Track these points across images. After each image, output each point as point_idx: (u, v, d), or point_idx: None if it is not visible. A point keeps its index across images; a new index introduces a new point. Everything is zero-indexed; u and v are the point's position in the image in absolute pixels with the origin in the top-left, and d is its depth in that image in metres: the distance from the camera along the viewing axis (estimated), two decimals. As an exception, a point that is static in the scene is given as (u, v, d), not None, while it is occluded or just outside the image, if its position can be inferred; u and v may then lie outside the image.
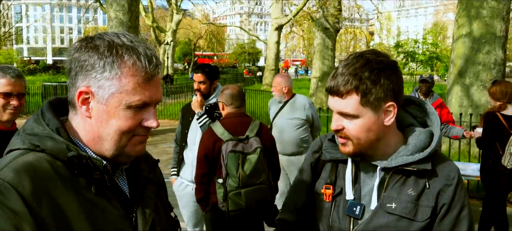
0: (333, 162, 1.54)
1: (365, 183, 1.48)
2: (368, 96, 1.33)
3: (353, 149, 1.40)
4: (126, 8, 8.96)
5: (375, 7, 26.40)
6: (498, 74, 8.29)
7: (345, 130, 1.39)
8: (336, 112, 1.40)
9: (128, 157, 1.12)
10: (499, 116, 4.31)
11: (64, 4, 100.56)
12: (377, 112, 1.36)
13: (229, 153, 3.01)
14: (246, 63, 68.54)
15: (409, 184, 1.41)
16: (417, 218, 1.38)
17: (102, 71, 1.04)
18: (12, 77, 2.31)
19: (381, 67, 1.34)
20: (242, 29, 55.51)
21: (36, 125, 1.07)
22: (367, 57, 1.36)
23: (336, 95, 1.37)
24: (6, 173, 0.96)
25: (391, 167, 1.41)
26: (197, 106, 3.65)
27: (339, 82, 1.35)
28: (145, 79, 1.07)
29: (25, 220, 0.92)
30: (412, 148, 1.42)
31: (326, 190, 1.51)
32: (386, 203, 1.41)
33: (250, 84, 27.51)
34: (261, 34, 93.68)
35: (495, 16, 8.19)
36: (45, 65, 51.80)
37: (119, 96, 1.05)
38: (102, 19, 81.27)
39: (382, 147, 1.43)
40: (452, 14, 55.01)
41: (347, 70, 1.35)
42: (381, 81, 1.34)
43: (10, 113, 2.33)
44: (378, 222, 1.41)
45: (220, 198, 3.09)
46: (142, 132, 1.11)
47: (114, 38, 1.07)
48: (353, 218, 1.45)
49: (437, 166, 1.42)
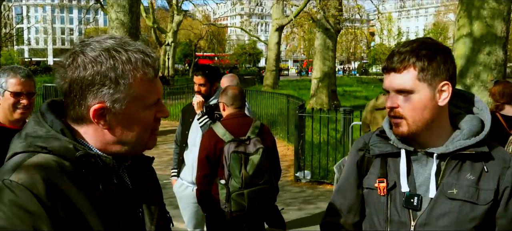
0: (382, 157, 1.53)
1: (419, 173, 1.47)
2: (425, 72, 1.36)
3: (407, 129, 1.41)
4: (127, 9, 8.97)
5: (376, 7, 26.39)
6: (499, 75, 8.29)
7: (400, 108, 1.40)
8: (392, 90, 1.41)
9: (145, 148, 1.17)
10: (498, 116, 4.31)
11: (65, 5, 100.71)
12: (433, 89, 1.38)
13: (231, 153, 3.01)
14: (247, 64, 68.54)
15: (466, 169, 1.42)
16: (479, 201, 1.38)
17: (114, 86, 1.05)
18: (22, 76, 2.35)
19: (437, 48, 1.39)
20: (243, 30, 55.54)
21: (38, 127, 1.07)
22: (423, 39, 1.41)
23: (392, 71, 1.40)
24: (18, 175, 0.97)
25: (448, 152, 1.42)
26: (197, 107, 3.66)
27: (396, 59, 1.39)
28: (153, 77, 1.10)
29: (42, 220, 0.93)
30: (468, 132, 1.43)
31: (380, 184, 1.50)
32: (447, 190, 1.41)
33: (251, 85, 27.49)
34: (262, 35, 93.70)
35: (496, 16, 8.19)
36: (46, 66, 51.80)
37: (135, 102, 1.08)
38: (103, 20, 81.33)
39: (435, 130, 1.44)
40: (452, 15, 54.98)
41: (404, 49, 1.39)
42: (438, 59, 1.37)
43: (21, 113, 2.36)
44: (441, 210, 1.40)
45: (222, 199, 3.09)
46: (156, 125, 1.16)
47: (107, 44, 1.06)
48: (412, 210, 1.44)
49: (491, 150, 1.44)
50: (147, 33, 39.64)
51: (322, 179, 7.51)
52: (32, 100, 2.41)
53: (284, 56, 69.86)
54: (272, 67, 27.84)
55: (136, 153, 1.17)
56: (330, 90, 16.90)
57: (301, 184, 7.42)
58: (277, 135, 11.31)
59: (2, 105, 2.35)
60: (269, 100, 13.63)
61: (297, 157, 7.78)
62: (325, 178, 7.50)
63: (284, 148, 10.04)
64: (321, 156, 8.15)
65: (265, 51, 53.29)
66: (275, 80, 27.82)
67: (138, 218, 1.15)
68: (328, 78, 16.99)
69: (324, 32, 16.98)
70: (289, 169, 8.21)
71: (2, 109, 2.35)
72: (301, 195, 6.84)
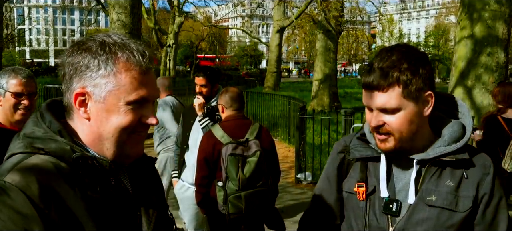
0: (362, 161, 1.51)
1: (399, 179, 1.46)
2: (409, 87, 1.33)
3: (394, 144, 1.39)
4: (128, 10, 8.98)
5: (377, 9, 26.39)
6: (500, 77, 8.29)
7: (387, 125, 1.37)
8: (376, 108, 1.37)
9: (127, 157, 1.12)
10: (500, 119, 4.30)
11: (66, 7, 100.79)
12: (418, 103, 1.35)
13: (228, 156, 3.01)
14: (248, 65, 68.55)
15: (446, 175, 1.40)
16: (458, 209, 1.37)
17: (97, 69, 1.05)
18: (23, 77, 2.35)
19: (417, 57, 1.35)
20: (244, 32, 55.52)
21: (37, 128, 1.07)
22: (400, 49, 1.36)
23: (375, 89, 1.35)
24: (12, 176, 0.96)
25: (428, 158, 1.40)
26: (198, 108, 3.66)
27: (378, 77, 1.33)
28: (140, 73, 1.07)
29: (34, 222, 0.93)
30: (448, 139, 1.42)
31: (359, 188, 1.48)
32: (426, 196, 1.39)
33: (251, 87, 27.49)
34: (263, 36, 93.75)
35: (498, 18, 8.19)
36: (48, 67, 51.86)
37: (117, 92, 1.06)
38: (104, 21, 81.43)
39: (418, 139, 1.42)
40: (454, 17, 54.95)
41: (384, 64, 1.33)
42: (420, 71, 1.33)
43: (21, 114, 2.36)
44: (420, 216, 1.39)
45: (220, 201, 3.09)
46: (141, 129, 1.11)
47: (105, 38, 1.08)
48: (390, 216, 1.43)
49: (472, 156, 1.42)
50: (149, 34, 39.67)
51: (323, 181, 7.48)
52: (33, 101, 2.41)
53: (285, 58, 69.85)
54: (273, 69, 27.83)
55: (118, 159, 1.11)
56: (331, 92, 16.90)
57: (302, 186, 7.41)
58: (278, 136, 11.30)
59: (3, 106, 2.34)
60: (270, 102, 13.62)
61: (298, 159, 7.77)
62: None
63: (285, 149, 10.03)
64: (322, 158, 8.14)
65: (266, 53, 53.29)
66: (276, 82, 27.81)
67: (135, 222, 1.14)
68: (329, 80, 16.99)
69: (325, 34, 16.98)
70: (290, 170, 8.20)
71: (3, 110, 2.35)
72: (302, 196, 6.83)
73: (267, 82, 27.63)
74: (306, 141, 8.37)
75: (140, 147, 1.14)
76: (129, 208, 1.13)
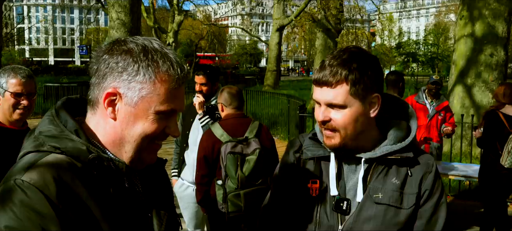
0: (315, 160, 1.55)
1: (349, 178, 1.50)
2: (357, 86, 1.37)
3: (339, 141, 1.43)
4: (128, 9, 8.98)
5: (377, 8, 26.39)
6: (500, 75, 8.30)
7: (332, 121, 1.41)
8: (324, 104, 1.42)
9: (142, 163, 1.12)
10: (500, 115, 4.30)
11: (66, 5, 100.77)
12: (364, 103, 1.40)
13: (228, 154, 3.01)
14: (247, 64, 68.58)
15: (392, 173, 1.45)
16: (403, 206, 1.42)
17: (134, 74, 1.04)
18: (22, 77, 2.34)
19: (367, 59, 1.41)
20: (244, 30, 55.50)
21: (53, 126, 1.06)
22: (352, 50, 1.42)
23: (325, 85, 1.40)
24: (30, 175, 0.96)
25: (376, 157, 1.45)
26: (198, 107, 3.66)
27: (329, 73, 1.38)
28: (175, 86, 1.07)
29: (52, 222, 0.93)
30: (393, 139, 1.47)
31: (312, 184, 1.51)
32: (373, 194, 1.44)
33: (251, 85, 27.50)
34: (263, 35, 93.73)
35: (497, 17, 8.19)
36: (47, 66, 51.84)
37: (149, 100, 1.05)
38: (104, 20, 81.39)
39: (364, 139, 1.46)
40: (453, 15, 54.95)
41: (336, 61, 1.39)
42: (369, 73, 1.38)
43: (20, 113, 2.35)
44: (367, 214, 1.43)
45: (219, 199, 3.09)
46: (162, 139, 1.12)
47: (147, 43, 1.07)
48: (340, 214, 1.46)
49: (417, 156, 1.48)
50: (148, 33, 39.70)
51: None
52: (32, 101, 2.40)
53: (285, 57, 69.90)
54: (273, 67, 27.84)
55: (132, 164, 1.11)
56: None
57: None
58: (278, 135, 11.30)
59: (2, 106, 2.34)
60: (270, 100, 13.62)
61: (298, 157, 7.75)
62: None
63: (284, 148, 10.01)
64: (322, 156, 8.12)
65: (266, 52, 53.30)
66: (276, 80, 27.82)
67: (147, 223, 1.15)
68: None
69: (325, 32, 16.99)
70: (290, 169, 8.19)
71: (2, 110, 2.34)
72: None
73: (266, 81, 27.63)
74: (306, 139, 8.35)
75: (155, 155, 1.15)
76: (141, 209, 1.13)
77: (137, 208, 1.11)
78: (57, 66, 51.91)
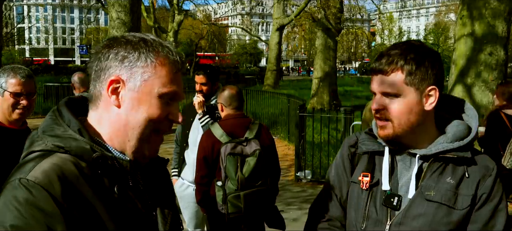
0: (369, 154, 1.54)
1: (402, 174, 1.47)
2: (412, 76, 1.36)
3: (392, 131, 1.41)
4: (128, 8, 8.96)
5: (377, 7, 26.38)
6: (500, 74, 8.29)
7: (386, 110, 1.40)
8: (379, 92, 1.41)
9: (144, 156, 1.13)
10: (502, 115, 4.30)
11: (66, 5, 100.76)
12: (420, 94, 1.38)
13: (227, 155, 3.00)
14: (247, 64, 68.55)
15: (448, 172, 1.41)
16: (456, 206, 1.38)
17: (136, 60, 1.07)
18: (22, 77, 2.35)
19: (426, 52, 1.40)
20: (244, 30, 55.43)
21: (56, 126, 1.07)
22: (413, 42, 1.42)
23: (380, 73, 1.40)
24: (35, 174, 0.97)
25: (430, 154, 1.42)
26: (198, 106, 3.66)
27: (385, 61, 1.39)
28: (175, 70, 1.11)
29: (57, 220, 0.94)
30: (452, 137, 1.43)
31: (363, 177, 1.51)
32: (425, 191, 1.40)
33: (251, 85, 27.49)
34: (263, 34, 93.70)
35: (497, 16, 8.18)
36: (47, 65, 51.80)
37: (152, 83, 1.08)
38: (104, 20, 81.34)
39: (420, 134, 1.44)
40: (453, 15, 54.94)
41: (394, 51, 1.39)
42: (426, 64, 1.38)
43: (20, 113, 2.36)
44: (417, 211, 1.40)
45: (219, 200, 3.08)
46: (165, 127, 1.13)
47: (145, 36, 1.11)
48: (390, 209, 1.44)
49: (475, 156, 1.44)
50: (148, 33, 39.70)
51: (322, 179, 7.49)
52: (32, 101, 2.41)
53: (285, 56, 69.88)
54: (273, 67, 27.82)
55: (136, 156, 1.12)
56: (331, 90, 16.89)
57: (301, 184, 7.41)
58: (278, 134, 11.31)
59: (2, 105, 2.34)
60: (270, 100, 13.62)
61: (298, 157, 7.77)
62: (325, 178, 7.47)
63: (285, 147, 10.03)
64: (322, 156, 8.14)
65: (266, 51, 53.27)
66: (276, 80, 27.81)
67: (152, 222, 1.15)
68: (329, 78, 16.99)
69: (325, 32, 16.98)
70: (290, 168, 8.21)
71: (2, 109, 2.35)
72: (302, 194, 6.84)
73: (266, 80, 27.61)
74: (306, 139, 8.37)
75: (157, 148, 1.16)
76: (146, 208, 1.14)
77: (142, 207, 1.12)
78: (57, 66, 51.88)
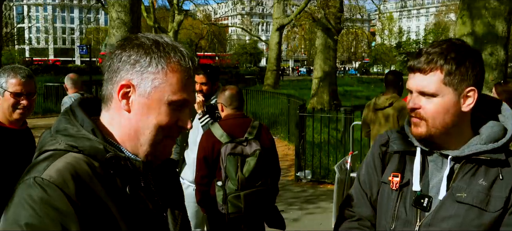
0: (400, 154, 1.52)
1: (433, 175, 1.45)
2: (451, 76, 1.33)
3: (425, 130, 1.39)
4: (128, 8, 8.95)
5: (377, 7, 26.37)
6: (500, 74, 8.28)
7: (422, 109, 1.37)
8: (415, 91, 1.38)
9: (156, 158, 1.13)
10: None
11: (66, 5, 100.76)
12: (458, 95, 1.35)
13: (228, 155, 3.00)
14: (247, 64, 68.57)
15: (480, 174, 1.38)
16: (489, 209, 1.34)
17: (147, 65, 1.06)
18: (22, 77, 2.35)
19: (468, 52, 1.36)
20: (243, 30, 55.41)
21: (70, 125, 1.07)
22: (454, 41, 1.38)
23: (418, 72, 1.37)
24: (49, 173, 0.97)
25: (463, 155, 1.39)
26: (198, 106, 3.66)
27: (424, 60, 1.35)
28: (187, 76, 1.10)
29: (71, 220, 0.94)
30: (486, 138, 1.40)
31: (393, 177, 1.49)
32: (456, 193, 1.37)
33: (251, 85, 27.51)
34: (263, 34, 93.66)
35: (497, 16, 8.18)
36: (47, 65, 51.79)
37: (162, 90, 1.07)
38: (104, 19, 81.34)
39: (455, 135, 1.41)
40: (453, 15, 54.92)
41: (433, 49, 1.35)
42: (467, 64, 1.34)
43: (20, 113, 2.36)
44: (447, 213, 1.37)
45: (219, 200, 3.08)
46: (175, 133, 1.13)
47: (158, 38, 1.10)
48: (420, 210, 1.42)
49: (510, 158, 1.39)
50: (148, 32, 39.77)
51: (322, 179, 7.51)
52: (32, 101, 2.41)
53: (285, 56, 69.90)
54: (273, 67, 27.83)
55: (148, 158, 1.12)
56: (331, 90, 16.90)
57: (302, 184, 7.41)
58: (278, 134, 11.31)
59: (2, 106, 2.34)
60: (270, 100, 13.62)
61: (298, 157, 7.77)
62: (325, 178, 7.50)
63: (285, 147, 10.04)
64: (322, 156, 8.15)
65: (266, 51, 53.27)
66: (276, 80, 27.81)
67: (163, 222, 1.16)
68: (329, 78, 16.99)
69: (325, 31, 16.98)
70: (290, 168, 8.21)
71: (2, 109, 2.35)
72: (302, 194, 6.84)
73: (267, 80, 27.62)
74: (306, 139, 8.37)
75: (169, 150, 1.16)
76: (157, 208, 1.14)
77: (153, 208, 1.12)
78: (57, 66, 51.86)
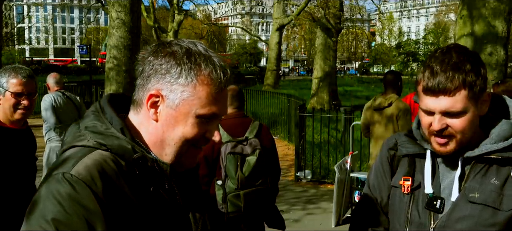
0: (410, 157, 1.51)
1: (445, 177, 1.44)
2: (474, 89, 1.31)
3: (455, 146, 1.36)
4: (128, 8, 8.96)
5: (377, 7, 26.37)
6: (500, 74, 8.28)
7: (450, 128, 1.35)
8: (439, 112, 1.34)
9: (181, 167, 1.13)
10: None
11: (66, 5, 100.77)
12: (478, 103, 1.34)
13: (228, 154, 3.01)
14: (247, 64, 68.57)
15: (492, 173, 1.37)
16: (502, 207, 1.33)
17: (177, 77, 1.05)
18: (23, 77, 2.35)
19: (474, 57, 1.34)
20: (244, 30, 55.40)
21: (99, 122, 1.07)
22: (457, 50, 1.34)
23: (441, 94, 1.31)
24: (78, 169, 0.97)
25: (474, 156, 1.38)
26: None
27: (444, 80, 1.30)
28: (217, 89, 1.07)
29: (97, 218, 0.94)
30: (496, 137, 1.39)
31: (404, 181, 1.48)
32: (469, 193, 1.37)
33: (251, 85, 27.52)
34: (263, 34, 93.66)
35: (497, 16, 8.18)
36: (47, 65, 51.78)
37: (190, 103, 1.05)
38: (104, 19, 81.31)
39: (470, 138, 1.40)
40: (453, 15, 54.93)
41: (448, 66, 1.31)
42: (481, 72, 1.33)
43: (21, 113, 2.37)
44: (461, 213, 1.37)
45: (219, 200, 3.09)
46: (202, 144, 1.11)
47: (191, 46, 1.08)
48: (433, 213, 1.42)
49: None
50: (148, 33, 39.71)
51: (322, 179, 7.52)
52: (33, 101, 2.41)
53: (285, 56, 69.88)
54: (273, 67, 27.83)
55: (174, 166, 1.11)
56: (331, 90, 16.90)
57: (301, 184, 7.42)
58: (278, 134, 11.31)
59: (3, 106, 2.35)
60: (270, 100, 13.63)
61: (298, 157, 7.78)
62: (325, 178, 7.50)
63: (285, 147, 10.04)
64: (322, 156, 8.15)
65: (266, 51, 53.25)
66: (276, 79, 27.81)
67: (186, 225, 1.17)
68: (329, 78, 16.99)
69: (324, 31, 16.99)
70: (290, 168, 8.22)
71: (3, 109, 2.35)
72: (302, 194, 6.84)
73: (266, 80, 27.63)
74: (306, 139, 8.37)
75: (195, 160, 1.15)
76: (180, 211, 1.15)
77: (176, 210, 1.13)
78: (57, 66, 51.83)
